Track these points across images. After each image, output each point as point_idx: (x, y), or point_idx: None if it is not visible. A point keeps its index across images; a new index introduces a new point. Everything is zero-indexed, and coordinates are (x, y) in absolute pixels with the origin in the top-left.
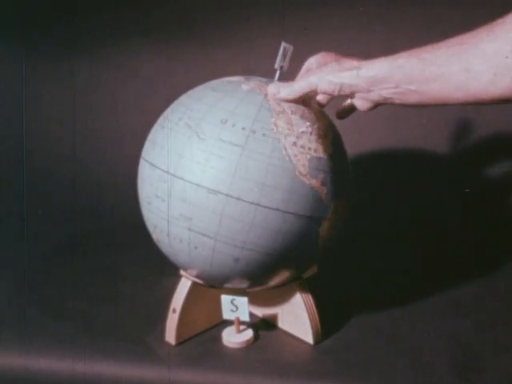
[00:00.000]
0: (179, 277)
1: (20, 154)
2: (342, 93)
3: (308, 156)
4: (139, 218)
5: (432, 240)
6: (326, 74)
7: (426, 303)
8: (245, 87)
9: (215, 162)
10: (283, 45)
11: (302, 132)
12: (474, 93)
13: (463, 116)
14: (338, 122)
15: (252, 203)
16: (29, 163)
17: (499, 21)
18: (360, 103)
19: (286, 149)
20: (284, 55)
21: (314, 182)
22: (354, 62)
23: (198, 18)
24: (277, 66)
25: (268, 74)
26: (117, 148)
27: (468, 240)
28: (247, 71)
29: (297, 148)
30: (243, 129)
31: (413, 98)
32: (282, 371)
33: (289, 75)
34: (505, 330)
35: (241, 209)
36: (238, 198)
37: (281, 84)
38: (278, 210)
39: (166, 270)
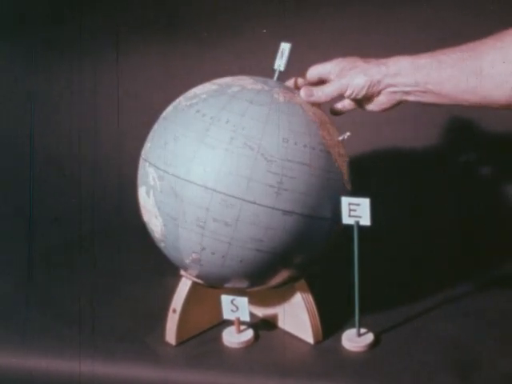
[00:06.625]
0: (179, 277)
1: (21, 155)
2: (370, 89)
3: (345, 163)
4: (139, 219)
5: (432, 240)
6: (357, 73)
7: (426, 303)
8: (279, 98)
9: (289, 184)
10: (282, 45)
11: (339, 140)
12: (482, 96)
13: (463, 116)
14: (338, 123)
15: (321, 218)
16: (30, 164)
17: (509, 31)
18: (372, 106)
19: (336, 161)
20: (282, 54)
21: (349, 187)
22: (380, 60)
23: (198, 18)
24: (276, 66)
25: (268, 74)
26: (117, 149)
27: (468, 240)
28: (247, 71)
29: (340, 157)
30: (305, 146)
31: (430, 97)
32: (283, 371)
33: (289, 74)
34: (505, 330)
35: (312, 225)
36: (311, 216)
37: (313, 88)
38: (327, 219)
39: (166, 270)
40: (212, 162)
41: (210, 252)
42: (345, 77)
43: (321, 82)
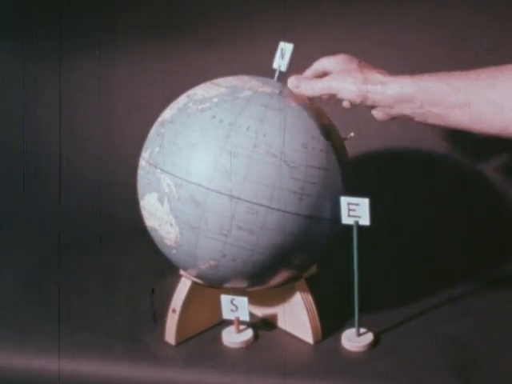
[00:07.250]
0: (179, 277)
1: (20, 155)
2: (363, 104)
3: (348, 163)
4: (139, 219)
5: (432, 240)
6: (350, 84)
7: (426, 303)
8: (291, 101)
9: (310, 189)
10: (281, 45)
11: (343, 141)
12: (499, 127)
13: None
14: (338, 122)
15: (331, 220)
16: (28, 164)
17: None
18: (378, 114)
19: (344, 162)
20: (282, 54)
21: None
22: (378, 76)
23: (198, 17)
24: (275, 65)
25: (267, 73)
26: (117, 149)
27: (468, 240)
28: (247, 71)
29: (345, 158)
30: (321, 150)
31: (433, 120)
32: (282, 371)
33: (288, 74)
34: (505, 330)
35: (321, 227)
36: (325, 219)
37: (302, 78)
38: (334, 220)
39: (165, 270)
40: (236, 170)
41: (230, 259)
42: (337, 81)
43: (325, 75)
